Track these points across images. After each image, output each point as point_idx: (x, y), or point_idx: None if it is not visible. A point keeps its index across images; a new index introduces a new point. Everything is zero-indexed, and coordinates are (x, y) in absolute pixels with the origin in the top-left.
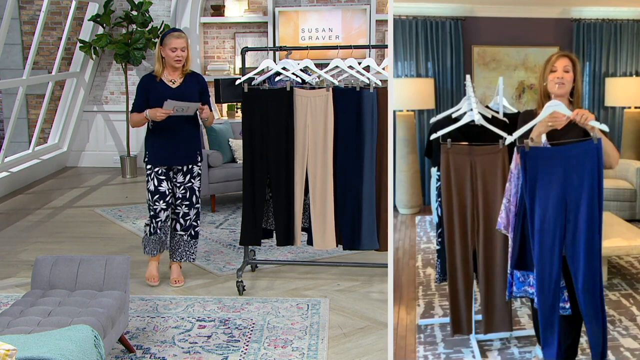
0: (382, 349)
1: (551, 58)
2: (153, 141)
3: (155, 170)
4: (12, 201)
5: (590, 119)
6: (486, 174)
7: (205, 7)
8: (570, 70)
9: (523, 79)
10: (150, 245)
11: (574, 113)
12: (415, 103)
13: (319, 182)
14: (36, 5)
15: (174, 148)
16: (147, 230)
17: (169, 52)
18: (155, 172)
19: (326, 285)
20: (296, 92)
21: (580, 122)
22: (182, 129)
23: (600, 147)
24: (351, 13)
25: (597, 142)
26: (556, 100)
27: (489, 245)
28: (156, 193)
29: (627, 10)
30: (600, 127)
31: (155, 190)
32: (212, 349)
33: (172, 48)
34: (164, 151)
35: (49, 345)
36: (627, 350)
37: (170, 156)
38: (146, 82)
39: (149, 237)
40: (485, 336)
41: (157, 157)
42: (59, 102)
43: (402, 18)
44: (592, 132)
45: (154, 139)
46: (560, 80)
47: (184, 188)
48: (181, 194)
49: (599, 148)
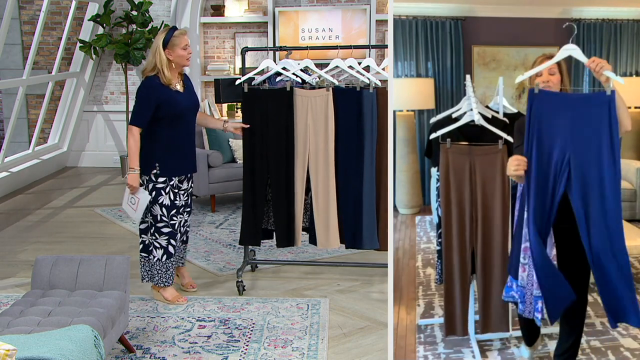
0: (382, 349)
1: (537, 60)
2: (169, 151)
3: (170, 183)
4: (12, 201)
5: (606, 68)
6: (485, 174)
7: (205, 7)
8: (555, 72)
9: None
10: (170, 270)
11: (590, 60)
12: (415, 103)
13: (321, 182)
14: (36, 5)
15: (188, 156)
16: (160, 254)
17: (181, 51)
18: (170, 185)
19: (326, 285)
20: (296, 92)
21: (595, 71)
22: (190, 134)
23: (614, 100)
24: (351, 13)
25: (610, 93)
26: (572, 44)
27: (487, 246)
28: (173, 207)
29: (627, 10)
30: (616, 79)
31: (172, 204)
32: (212, 349)
33: (184, 46)
34: (181, 160)
35: (49, 345)
36: (627, 350)
37: (187, 164)
38: (154, 88)
39: (165, 262)
40: (485, 336)
41: (175, 167)
42: (59, 102)
43: (402, 18)
44: (606, 84)
45: (170, 148)
46: (546, 85)
47: (186, 195)
48: (184, 201)
49: (612, 100)
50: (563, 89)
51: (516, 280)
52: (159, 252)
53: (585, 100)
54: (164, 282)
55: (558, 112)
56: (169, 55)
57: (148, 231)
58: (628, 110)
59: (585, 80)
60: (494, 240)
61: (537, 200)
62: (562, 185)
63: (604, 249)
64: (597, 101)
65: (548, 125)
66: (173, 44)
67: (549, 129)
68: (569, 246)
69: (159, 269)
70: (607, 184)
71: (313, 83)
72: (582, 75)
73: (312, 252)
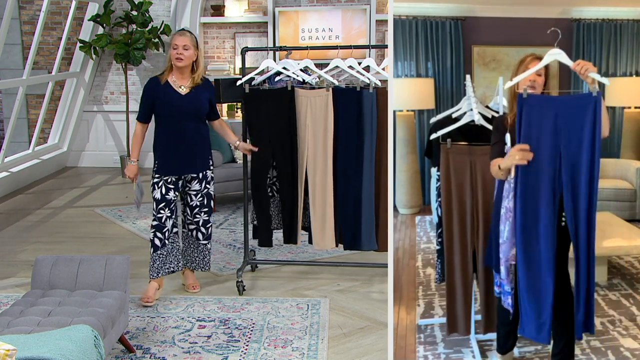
0: (382, 349)
1: (525, 59)
2: (163, 150)
3: (164, 178)
4: (12, 201)
5: (592, 70)
6: (486, 174)
7: (205, 7)
8: (542, 74)
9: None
10: (156, 263)
11: (575, 63)
12: (415, 103)
13: (318, 182)
14: (36, 5)
15: (187, 156)
16: (151, 249)
17: (171, 50)
18: (164, 180)
19: (326, 285)
20: (297, 92)
21: (580, 73)
22: (193, 135)
23: (600, 101)
24: (351, 13)
25: (596, 94)
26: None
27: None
28: (162, 201)
29: (627, 10)
30: (601, 80)
31: (161, 198)
32: (212, 349)
33: (173, 45)
34: (176, 160)
35: (49, 345)
36: (627, 350)
37: (184, 165)
38: (152, 87)
39: (152, 255)
40: (485, 336)
41: (168, 167)
42: (59, 102)
43: (402, 18)
44: (592, 86)
45: (165, 148)
46: (531, 84)
47: (200, 195)
48: (199, 202)
49: (598, 101)
50: (545, 91)
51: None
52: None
53: (572, 101)
54: (150, 274)
55: (547, 114)
56: (170, 55)
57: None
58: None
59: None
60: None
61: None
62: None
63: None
64: (583, 102)
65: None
66: (169, 44)
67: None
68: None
69: (150, 262)
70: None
71: (313, 83)
72: (572, 73)
73: (312, 252)
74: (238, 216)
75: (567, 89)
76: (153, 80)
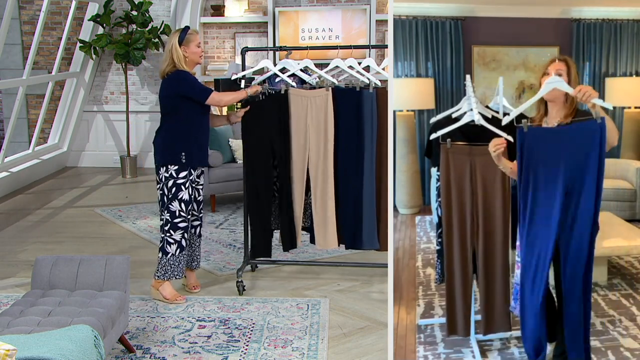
0: (382, 349)
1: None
2: (190, 142)
3: (190, 178)
4: (12, 201)
5: (594, 96)
6: (486, 174)
7: (205, 7)
8: (563, 74)
9: (523, 79)
10: (182, 264)
11: (575, 90)
12: (415, 103)
13: (320, 182)
14: (36, 5)
15: (206, 148)
16: (174, 249)
17: (195, 48)
18: (190, 180)
19: (326, 285)
20: (296, 92)
21: (582, 100)
22: (208, 128)
23: (604, 127)
24: (351, 13)
25: (600, 121)
26: (556, 76)
27: (489, 246)
28: (190, 202)
29: (627, 10)
30: (604, 105)
31: (189, 199)
32: (212, 349)
33: (198, 44)
34: (203, 151)
35: (49, 345)
36: (627, 350)
37: (206, 157)
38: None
39: (178, 256)
40: (485, 336)
41: (202, 156)
42: (59, 102)
43: (402, 18)
44: (594, 111)
45: (193, 139)
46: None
47: (203, 189)
48: (202, 197)
49: (603, 128)
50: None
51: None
52: (172, 247)
53: (575, 131)
54: (176, 275)
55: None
56: (184, 52)
57: (162, 229)
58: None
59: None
60: (495, 240)
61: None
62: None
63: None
64: (587, 131)
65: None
66: (188, 41)
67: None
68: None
69: (172, 263)
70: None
71: (313, 83)
72: (582, 75)
73: (312, 252)
74: (238, 216)
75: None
76: (187, 72)
